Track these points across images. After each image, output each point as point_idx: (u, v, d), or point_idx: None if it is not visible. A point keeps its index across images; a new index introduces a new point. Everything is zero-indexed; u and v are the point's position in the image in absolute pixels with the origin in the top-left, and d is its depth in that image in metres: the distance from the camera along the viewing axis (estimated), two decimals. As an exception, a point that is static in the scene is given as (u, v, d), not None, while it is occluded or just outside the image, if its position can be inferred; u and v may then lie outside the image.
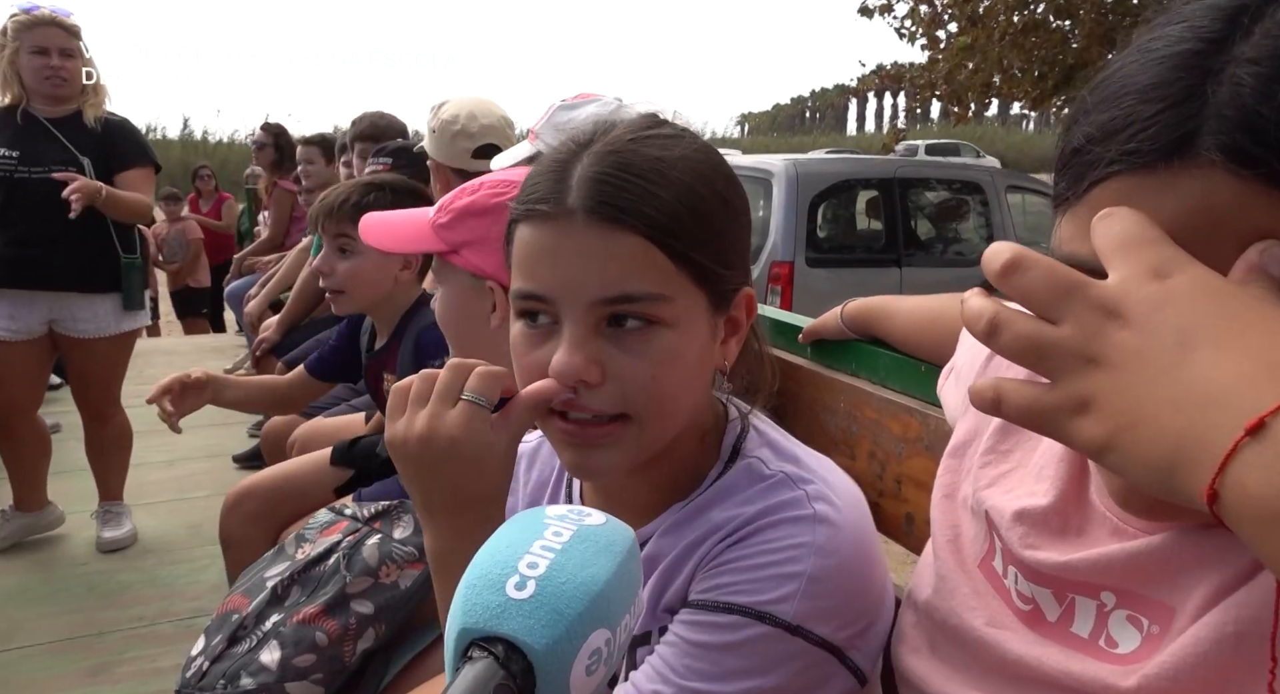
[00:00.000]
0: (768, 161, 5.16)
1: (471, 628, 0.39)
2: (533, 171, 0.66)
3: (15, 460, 2.73)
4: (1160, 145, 0.40)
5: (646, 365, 0.61)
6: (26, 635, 2.21)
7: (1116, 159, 0.41)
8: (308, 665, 1.14)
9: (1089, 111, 0.44)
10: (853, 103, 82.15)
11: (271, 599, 1.17)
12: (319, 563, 1.19)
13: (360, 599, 1.18)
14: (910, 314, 1.04)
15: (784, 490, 0.65)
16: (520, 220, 0.64)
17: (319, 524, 1.27)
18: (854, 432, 1.12)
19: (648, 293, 0.60)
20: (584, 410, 0.61)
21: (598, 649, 0.41)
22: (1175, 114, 0.40)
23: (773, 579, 0.61)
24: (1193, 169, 0.39)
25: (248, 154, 6.67)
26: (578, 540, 0.43)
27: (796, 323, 1.28)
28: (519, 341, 0.64)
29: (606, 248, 0.59)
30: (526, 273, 0.63)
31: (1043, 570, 0.53)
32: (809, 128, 79.63)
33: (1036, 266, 0.37)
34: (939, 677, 0.58)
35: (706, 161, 0.65)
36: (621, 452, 0.62)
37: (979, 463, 0.63)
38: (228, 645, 1.15)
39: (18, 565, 2.59)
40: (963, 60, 8.44)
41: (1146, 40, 0.43)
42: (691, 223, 0.61)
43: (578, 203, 0.60)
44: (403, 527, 1.24)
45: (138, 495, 3.12)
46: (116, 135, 2.58)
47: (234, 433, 3.84)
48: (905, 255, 5.19)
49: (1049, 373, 0.37)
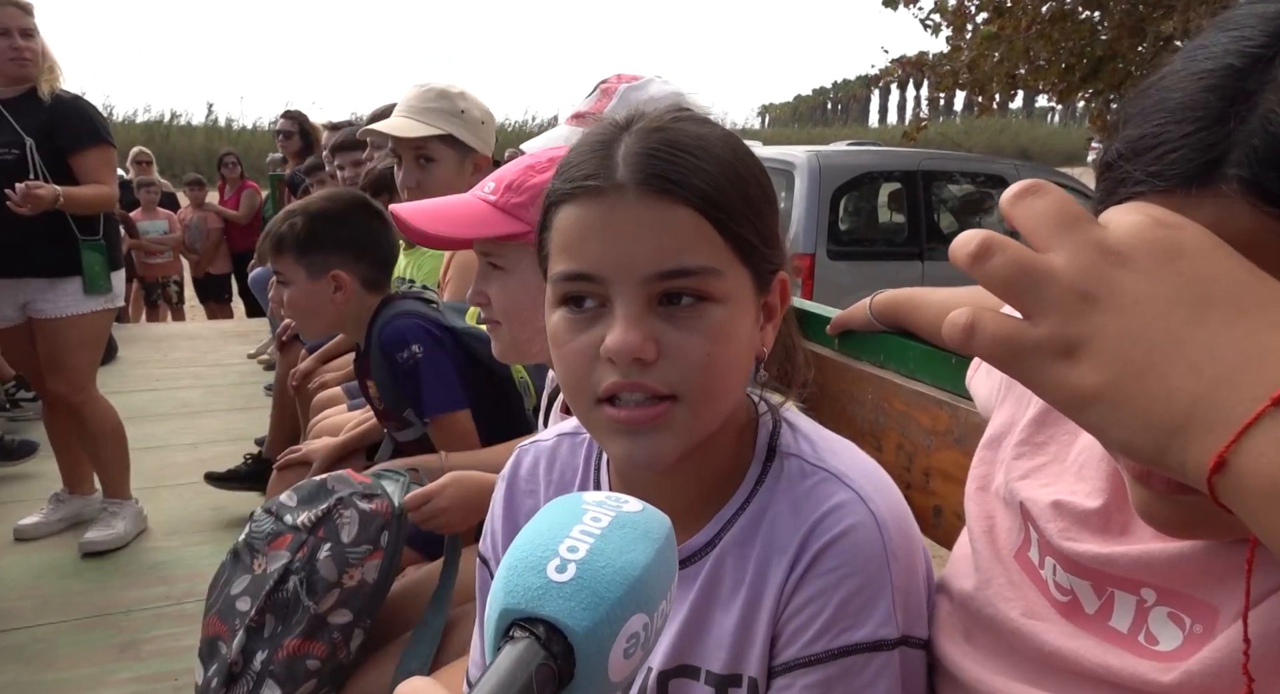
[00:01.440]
0: (790, 153, 5.12)
1: (513, 608, 0.40)
2: (569, 154, 0.65)
3: (60, 443, 2.76)
4: (1183, 170, 0.39)
5: (701, 342, 0.60)
6: (57, 612, 2.26)
7: (1142, 179, 0.41)
8: (311, 688, 1.16)
9: (1127, 122, 0.43)
10: (875, 94, 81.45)
11: (249, 635, 1.17)
12: (279, 588, 1.18)
13: (335, 611, 1.18)
14: (941, 305, 1.04)
15: (834, 491, 0.65)
16: (562, 201, 0.62)
17: (264, 534, 1.24)
18: (881, 423, 1.12)
19: (702, 266, 0.59)
20: (637, 390, 0.59)
21: (635, 633, 0.41)
22: (1202, 138, 0.39)
23: (867, 605, 0.61)
24: (1213, 197, 0.38)
25: (271, 141, 6.73)
26: (616, 526, 0.43)
27: (824, 314, 1.28)
28: (561, 329, 0.62)
29: (660, 220, 0.59)
30: (574, 252, 0.61)
31: (1083, 563, 0.52)
32: (830, 119, 79.01)
33: (1048, 194, 0.35)
34: (974, 665, 0.58)
35: (740, 142, 0.66)
36: (673, 435, 0.61)
37: (1012, 454, 0.63)
38: (225, 689, 1.16)
39: (48, 544, 2.65)
40: (987, 50, 8.33)
41: (1195, 47, 0.42)
42: (736, 197, 0.61)
43: (628, 177, 0.59)
44: (348, 528, 1.21)
45: (163, 477, 3.18)
46: (65, 114, 2.49)
47: (257, 416, 3.89)
48: (928, 248, 5.14)
49: (1036, 307, 0.33)
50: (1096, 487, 0.55)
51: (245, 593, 1.21)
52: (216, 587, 1.26)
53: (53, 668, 2.01)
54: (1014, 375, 0.35)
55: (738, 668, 0.65)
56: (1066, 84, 8.38)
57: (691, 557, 0.68)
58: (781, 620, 0.64)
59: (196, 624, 2.18)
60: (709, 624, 0.67)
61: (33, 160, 2.42)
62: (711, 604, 0.67)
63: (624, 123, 0.63)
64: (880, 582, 0.61)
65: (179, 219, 6.99)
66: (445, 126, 1.83)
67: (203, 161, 17.46)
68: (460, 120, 1.85)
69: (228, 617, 1.21)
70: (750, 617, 0.65)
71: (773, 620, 0.64)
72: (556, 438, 0.81)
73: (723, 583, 0.67)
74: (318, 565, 1.18)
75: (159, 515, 2.85)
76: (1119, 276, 0.33)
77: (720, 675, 0.66)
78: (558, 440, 0.80)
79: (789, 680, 0.63)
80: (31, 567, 2.51)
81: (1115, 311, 0.32)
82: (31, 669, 2.01)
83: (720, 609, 0.66)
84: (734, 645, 0.65)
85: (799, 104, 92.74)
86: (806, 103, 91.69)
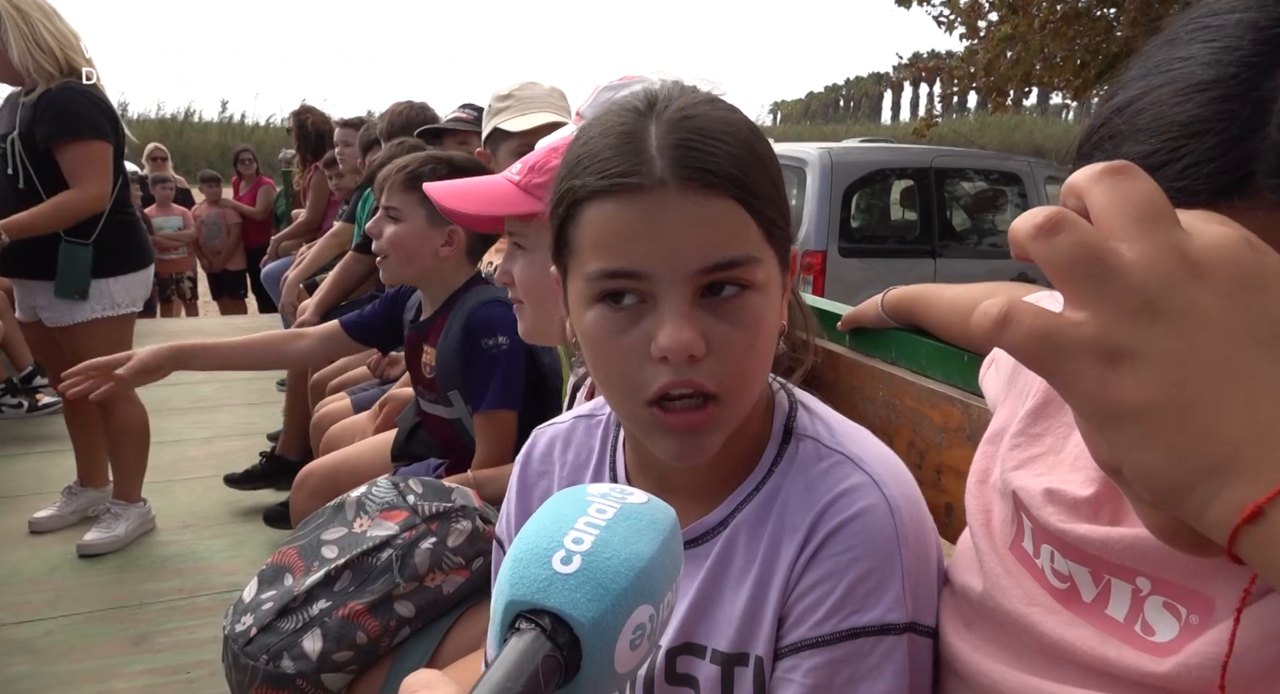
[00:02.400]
0: (802, 150, 5.10)
1: (519, 600, 0.40)
2: (590, 146, 0.62)
3: (79, 435, 2.77)
4: (1217, 184, 0.38)
5: (744, 335, 0.60)
6: (70, 604, 2.28)
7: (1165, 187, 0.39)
8: (345, 660, 1.18)
9: (1120, 137, 0.42)
10: (888, 92, 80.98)
11: (324, 581, 1.19)
12: (373, 554, 1.21)
13: (404, 601, 1.21)
14: (953, 302, 1.03)
15: (849, 473, 0.65)
16: (593, 198, 0.60)
17: (381, 501, 1.28)
18: (893, 420, 1.11)
19: (745, 255, 0.59)
20: (689, 387, 0.59)
21: (641, 624, 0.41)
22: (1229, 152, 0.38)
23: (876, 588, 0.61)
24: (1251, 210, 0.37)
25: (284, 137, 6.75)
26: (621, 518, 0.43)
27: (835, 310, 1.27)
28: (601, 327, 0.61)
29: (703, 214, 0.58)
30: (615, 251, 0.59)
31: (1080, 546, 0.52)
32: (842, 116, 78.68)
33: (1138, 180, 0.31)
34: (975, 653, 0.59)
35: (753, 122, 0.65)
36: (718, 433, 0.62)
37: (1009, 445, 0.63)
38: (276, 617, 1.18)
39: (62, 536, 2.67)
40: (1003, 49, 8.27)
41: (1172, 59, 0.41)
42: (764, 181, 0.61)
43: (668, 172, 0.58)
44: (456, 534, 1.25)
45: (177, 471, 3.20)
46: (46, 106, 2.34)
47: (270, 411, 3.92)
48: (940, 246, 5.12)
49: (1094, 300, 0.30)
50: (1088, 476, 0.55)
51: (335, 543, 1.24)
52: (308, 526, 1.29)
53: (65, 660, 2.03)
54: (1046, 374, 0.32)
55: (745, 647, 0.65)
56: (1082, 81, 8.32)
57: (703, 535, 0.68)
58: (790, 601, 0.64)
59: (210, 618, 2.22)
60: (718, 603, 0.67)
61: (11, 155, 2.34)
62: (721, 583, 0.67)
63: (644, 108, 0.62)
64: (890, 565, 0.61)
65: (194, 215, 7.05)
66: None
67: (217, 158, 17.57)
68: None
69: (308, 555, 1.24)
70: (760, 596, 0.65)
71: (781, 600, 0.64)
72: (573, 420, 0.81)
73: (733, 562, 0.67)
74: (415, 554, 1.22)
75: (173, 509, 2.88)
76: (1194, 291, 0.30)
77: (726, 654, 0.66)
78: (574, 422, 0.81)
79: (795, 661, 0.63)
80: (45, 559, 2.53)
81: (1179, 328, 0.29)
82: (44, 661, 2.03)
83: (730, 588, 0.66)
84: (742, 625, 0.65)
85: (811, 101, 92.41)
86: (819, 100, 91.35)
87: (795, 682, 0.62)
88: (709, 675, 0.66)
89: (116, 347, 2.52)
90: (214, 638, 2.14)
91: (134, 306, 2.60)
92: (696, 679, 0.67)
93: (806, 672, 0.62)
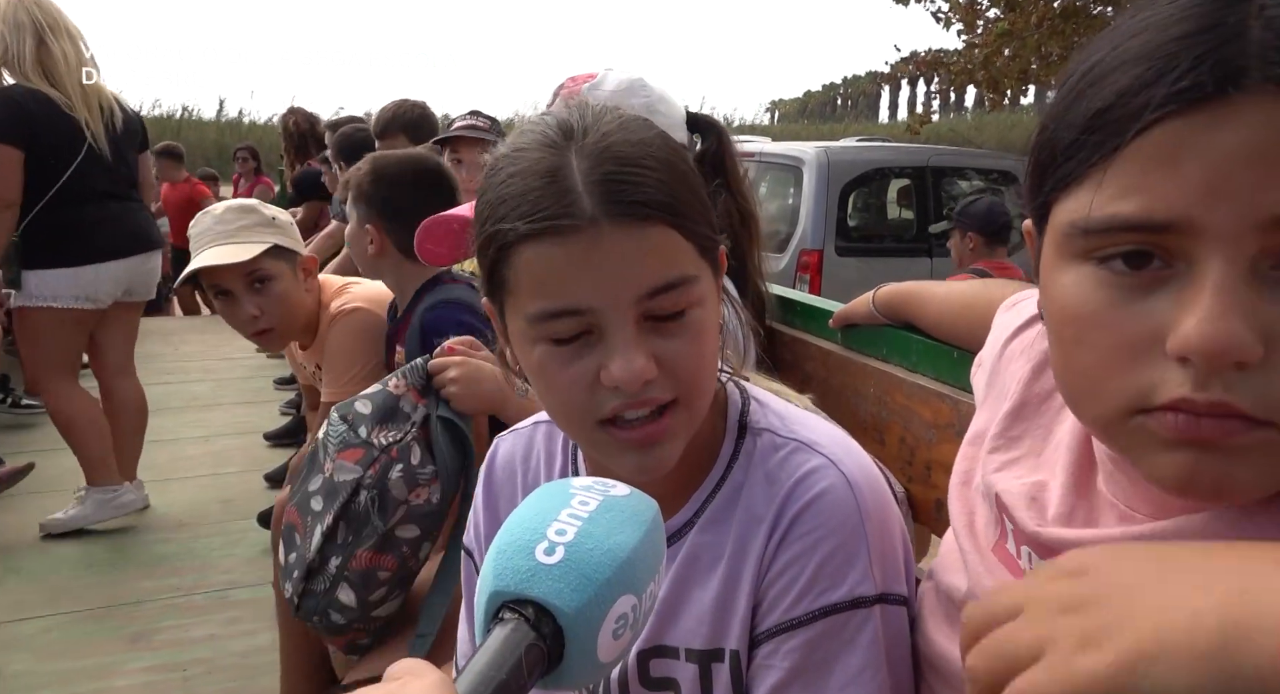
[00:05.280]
0: (799, 149, 5.11)
1: (503, 591, 0.40)
2: (510, 185, 0.60)
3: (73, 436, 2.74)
4: (1214, 79, 0.39)
5: (692, 347, 0.61)
6: (68, 602, 2.28)
7: (1166, 101, 0.40)
8: (383, 594, 1.24)
9: (1093, 85, 0.43)
10: (885, 90, 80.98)
11: (326, 539, 1.24)
12: (353, 500, 1.25)
13: (402, 527, 1.25)
14: (945, 300, 1.03)
15: (806, 458, 0.66)
16: (526, 240, 0.59)
17: (337, 439, 1.29)
18: (884, 417, 1.12)
19: (683, 276, 0.60)
20: (645, 406, 0.60)
21: (624, 614, 0.42)
22: (1221, 53, 0.39)
23: (844, 564, 0.62)
24: (1248, 101, 0.39)
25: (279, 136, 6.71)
26: (604, 510, 0.44)
27: (827, 308, 1.28)
28: (547, 364, 0.61)
29: (640, 245, 0.58)
30: (555, 292, 0.59)
31: (1054, 547, 0.53)
32: (840, 115, 78.66)
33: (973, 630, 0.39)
34: (956, 647, 0.59)
35: (663, 133, 0.65)
36: (678, 439, 0.63)
37: (989, 447, 0.64)
38: (306, 581, 1.24)
39: (59, 535, 2.67)
40: (1000, 46, 8.28)
41: (1135, 18, 0.44)
42: (690, 197, 0.62)
43: (599, 210, 0.57)
44: (416, 453, 1.28)
45: (174, 470, 3.20)
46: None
47: (266, 410, 3.92)
48: (936, 245, 5.12)
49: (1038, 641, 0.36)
50: (1063, 480, 0.55)
51: (318, 492, 1.27)
52: (299, 479, 1.33)
53: (63, 658, 2.03)
54: None
55: (719, 642, 0.66)
56: (1079, 79, 8.31)
57: (670, 538, 0.68)
58: (762, 588, 0.65)
59: (207, 616, 2.23)
60: (686, 602, 0.67)
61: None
62: (689, 583, 0.68)
63: (561, 140, 0.60)
64: (856, 540, 0.63)
65: (190, 214, 7.01)
66: (269, 238, 1.72)
67: (214, 156, 17.51)
68: (275, 227, 1.76)
69: (303, 511, 1.28)
70: (730, 589, 0.66)
71: (754, 590, 0.65)
72: (533, 425, 0.81)
73: (699, 560, 0.68)
74: (389, 484, 1.24)
75: (169, 507, 2.88)
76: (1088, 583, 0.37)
77: (701, 652, 0.66)
78: (534, 428, 0.81)
79: (773, 647, 0.63)
80: (43, 557, 2.53)
81: (1097, 603, 0.35)
82: (42, 659, 2.03)
83: (697, 587, 0.67)
84: (714, 620, 0.66)
85: (809, 100, 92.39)
86: (816, 98, 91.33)
87: (775, 666, 0.63)
88: (688, 676, 0.67)
89: (56, 338, 2.63)
90: (210, 636, 2.15)
91: (75, 303, 2.62)
92: (676, 681, 0.68)
93: (784, 655, 0.63)
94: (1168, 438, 0.42)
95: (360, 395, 1.34)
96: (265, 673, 1.92)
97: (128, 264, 2.70)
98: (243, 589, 2.36)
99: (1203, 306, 0.39)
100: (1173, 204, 0.40)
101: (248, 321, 1.71)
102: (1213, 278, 0.39)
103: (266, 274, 1.70)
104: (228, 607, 2.28)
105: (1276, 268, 0.40)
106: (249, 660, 2.04)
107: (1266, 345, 0.39)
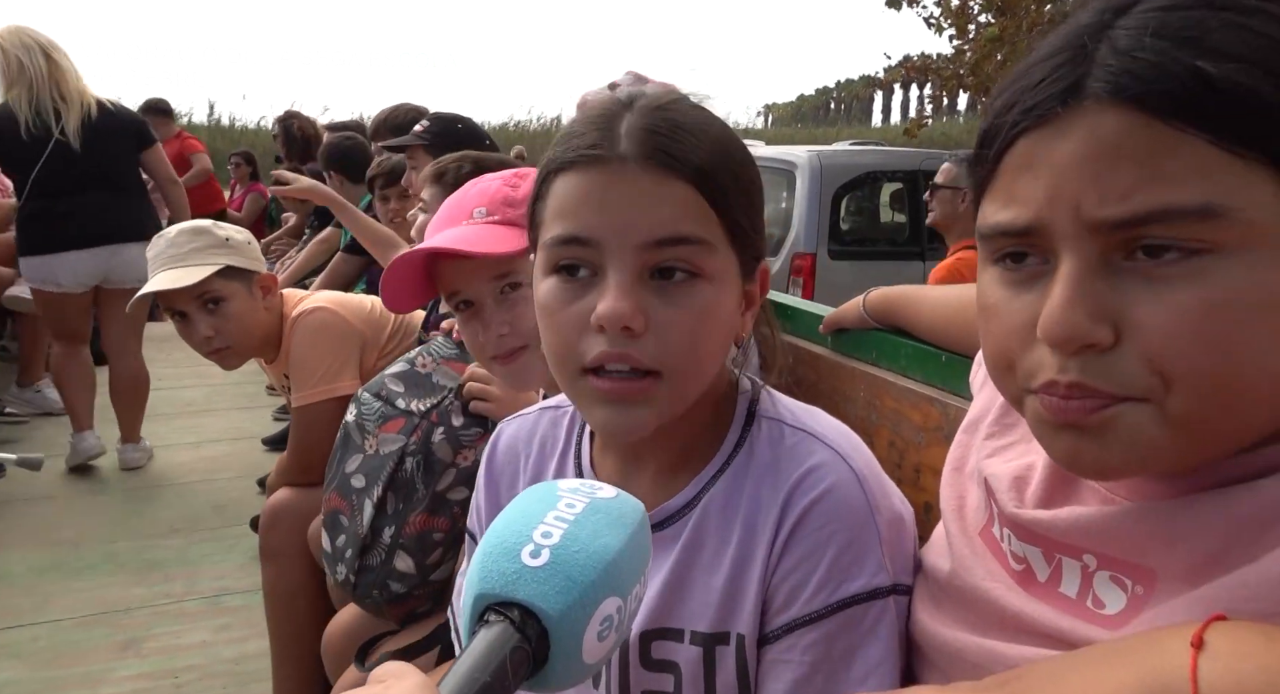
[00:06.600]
0: (792, 153, 5.12)
1: (488, 593, 0.40)
2: (570, 125, 0.66)
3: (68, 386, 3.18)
4: (1054, 94, 0.44)
5: (688, 319, 0.61)
6: (58, 610, 2.27)
7: (1019, 120, 0.46)
8: (439, 557, 1.25)
9: (990, 107, 0.50)
10: (878, 94, 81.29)
11: (377, 512, 1.25)
12: (399, 469, 1.25)
13: (453, 489, 1.26)
14: (935, 304, 1.04)
15: (814, 449, 0.67)
16: (561, 170, 0.63)
17: (374, 415, 1.30)
18: (873, 420, 1.12)
19: (696, 235, 0.61)
20: (624, 361, 0.60)
21: (609, 616, 0.42)
22: (1065, 70, 0.45)
23: (858, 558, 0.63)
24: (1084, 111, 0.43)
25: (273, 140, 6.70)
26: (590, 512, 0.44)
27: (817, 312, 1.28)
28: (552, 296, 0.63)
29: (658, 191, 0.60)
30: (570, 218, 0.61)
31: (1031, 528, 0.55)
32: (833, 119, 78.94)
33: None
34: (943, 628, 0.60)
35: (734, 132, 0.67)
36: (653, 408, 0.63)
37: (984, 435, 0.65)
38: (360, 557, 1.25)
39: (49, 541, 2.66)
40: (991, 51, 8.33)
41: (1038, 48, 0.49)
42: (730, 178, 0.63)
43: (630, 150, 0.61)
44: (456, 413, 1.28)
45: (166, 476, 3.19)
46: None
47: (259, 416, 3.91)
48: (929, 249, 5.14)
49: None
50: (1047, 461, 0.57)
51: (359, 471, 1.28)
52: (332, 466, 1.34)
53: (53, 666, 2.02)
54: None
55: (726, 626, 0.66)
56: (1069, 84, 8.37)
57: (670, 517, 0.69)
58: (774, 583, 0.65)
59: (199, 622, 2.22)
60: (692, 585, 0.67)
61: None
62: (694, 565, 0.68)
63: (626, 100, 0.65)
64: (868, 534, 0.63)
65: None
66: (220, 259, 1.71)
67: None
68: (228, 248, 1.75)
69: (345, 493, 1.29)
70: (739, 575, 0.66)
71: (763, 579, 0.65)
72: (539, 411, 0.82)
73: (706, 544, 0.67)
74: (433, 448, 1.25)
75: (161, 514, 2.87)
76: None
77: (707, 635, 0.66)
78: (539, 414, 0.81)
79: (791, 641, 0.63)
80: (33, 564, 2.52)
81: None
82: (32, 667, 2.02)
83: (704, 570, 0.67)
84: (722, 605, 0.66)
85: (802, 103, 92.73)
86: (809, 102, 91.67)
87: (794, 661, 0.63)
88: (690, 658, 0.67)
89: (46, 313, 3.16)
90: (202, 642, 2.14)
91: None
92: (677, 664, 0.67)
93: (804, 649, 0.63)
94: (1051, 420, 0.47)
95: (387, 373, 1.35)
96: (257, 680, 1.91)
97: (93, 254, 3.02)
98: (235, 596, 2.36)
99: (1053, 298, 0.45)
100: (1029, 211, 0.46)
101: (202, 342, 1.72)
102: (1063, 271, 0.45)
103: (218, 295, 1.70)
104: (220, 613, 2.27)
105: (1129, 259, 0.44)
106: (241, 667, 2.03)
107: (1118, 329, 0.44)
